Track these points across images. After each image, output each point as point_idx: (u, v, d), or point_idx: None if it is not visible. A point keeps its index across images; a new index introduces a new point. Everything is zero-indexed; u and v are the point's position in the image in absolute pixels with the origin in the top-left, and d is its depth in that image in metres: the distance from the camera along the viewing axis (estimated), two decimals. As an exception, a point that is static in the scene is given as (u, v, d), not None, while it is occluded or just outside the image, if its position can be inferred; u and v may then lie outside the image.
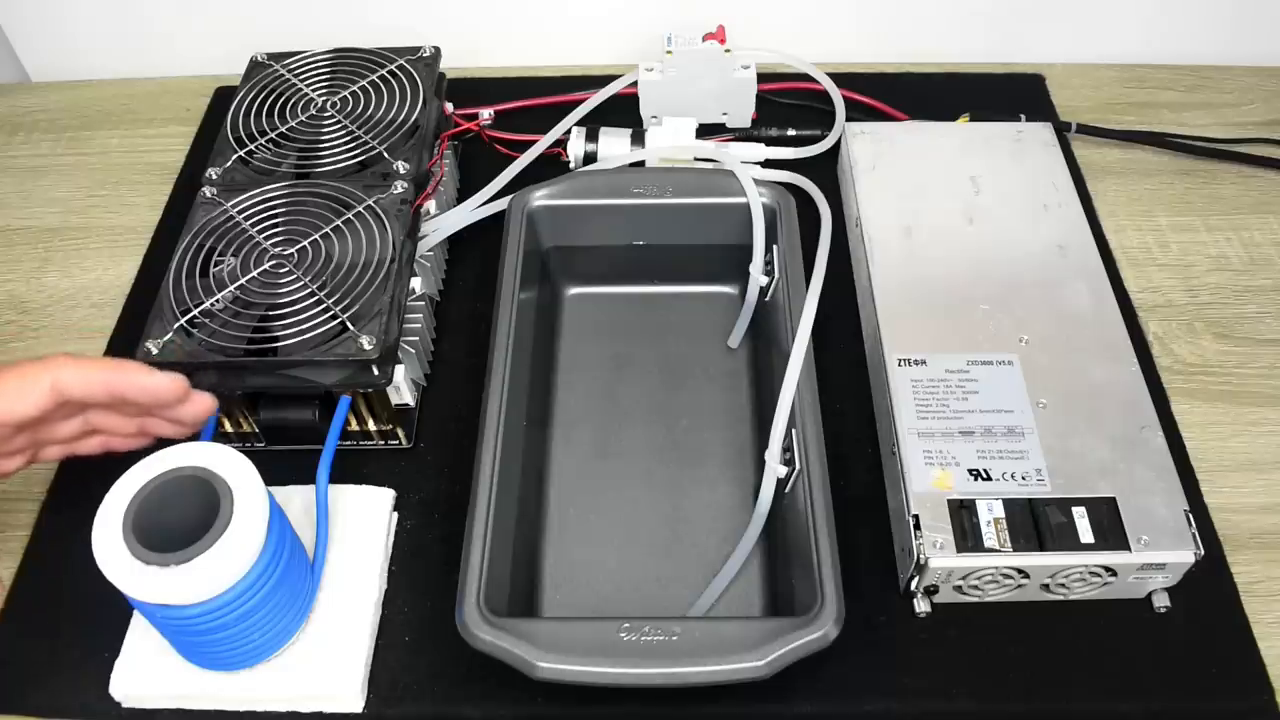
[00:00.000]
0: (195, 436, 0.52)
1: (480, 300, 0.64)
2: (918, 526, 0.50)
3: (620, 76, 0.73)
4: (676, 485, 0.57)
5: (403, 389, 0.57)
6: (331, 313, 0.52)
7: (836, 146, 0.72)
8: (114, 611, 0.49)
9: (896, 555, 0.53)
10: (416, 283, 0.60)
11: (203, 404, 0.51)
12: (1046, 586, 0.51)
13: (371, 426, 0.57)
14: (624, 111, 0.73)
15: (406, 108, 0.63)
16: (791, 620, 0.45)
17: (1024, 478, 0.51)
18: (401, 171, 0.59)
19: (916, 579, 0.50)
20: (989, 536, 0.49)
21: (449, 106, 0.70)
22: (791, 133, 0.74)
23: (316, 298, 0.53)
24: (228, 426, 0.57)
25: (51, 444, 0.51)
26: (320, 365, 0.52)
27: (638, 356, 0.63)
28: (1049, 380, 0.55)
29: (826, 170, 0.71)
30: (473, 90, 0.74)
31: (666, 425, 0.60)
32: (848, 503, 0.52)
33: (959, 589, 0.51)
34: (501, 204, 0.64)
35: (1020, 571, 0.50)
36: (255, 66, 0.66)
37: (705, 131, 0.73)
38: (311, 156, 0.61)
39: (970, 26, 0.80)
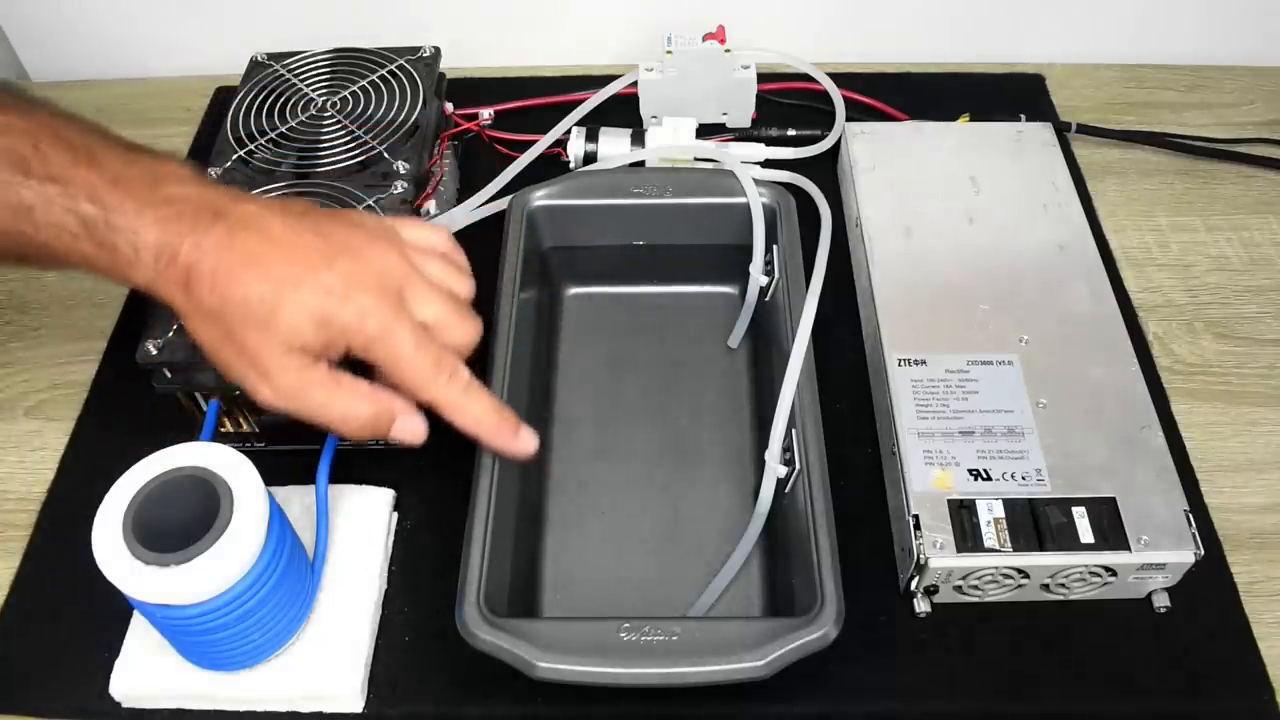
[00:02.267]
0: (196, 436, 0.52)
1: (480, 300, 0.64)
2: (918, 526, 0.50)
3: (620, 76, 0.73)
4: (676, 485, 0.57)
5: (403, 389, 0.57)
6: (331, 313, 0.52)
7: (836, 146, 0.71)
8: (114, 611, 0.49)
9: (896, 555, 0.53)
10: (416, 283, 0.60)
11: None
12: (1046, 586, 0.51)
13: (371, 426, 0.57)
14: (624, 111, 0.73)
15: (406, 108, 0.63)
16: (791, 620, 0.45)
17: (1024, 478, 0.51)
18: (401, 171, 0.59)
19: (916, 579, 0.50)
20: (989, 536, 0.49)
21: (449, 106, 0.70)
22: (791, 133, 0.74)
23: (316, 298, 0.53)
24: (228, 426, 0.57)
25: None
26: (320, 365, 0.52)
27: (638, 356, 0.63)
28: (1049, 380, 0.55)
29: (826, 170, 0.71)
30: (473, 90, 0.74)
31: (666, 425, 0.60)
32: (848, 503, 0.52)
33: (959, 589, 0.51)
34: (501, 204, 0.64)
35: (1020, 571, 0.50)
36: (255, 66, 0.66)
37: (705, 131, 0.72)
38: (311, 156, 0.61)
39: (970, 26, 0.80)
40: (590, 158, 0.70)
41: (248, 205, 0.45)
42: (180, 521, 0.44)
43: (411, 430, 0.48)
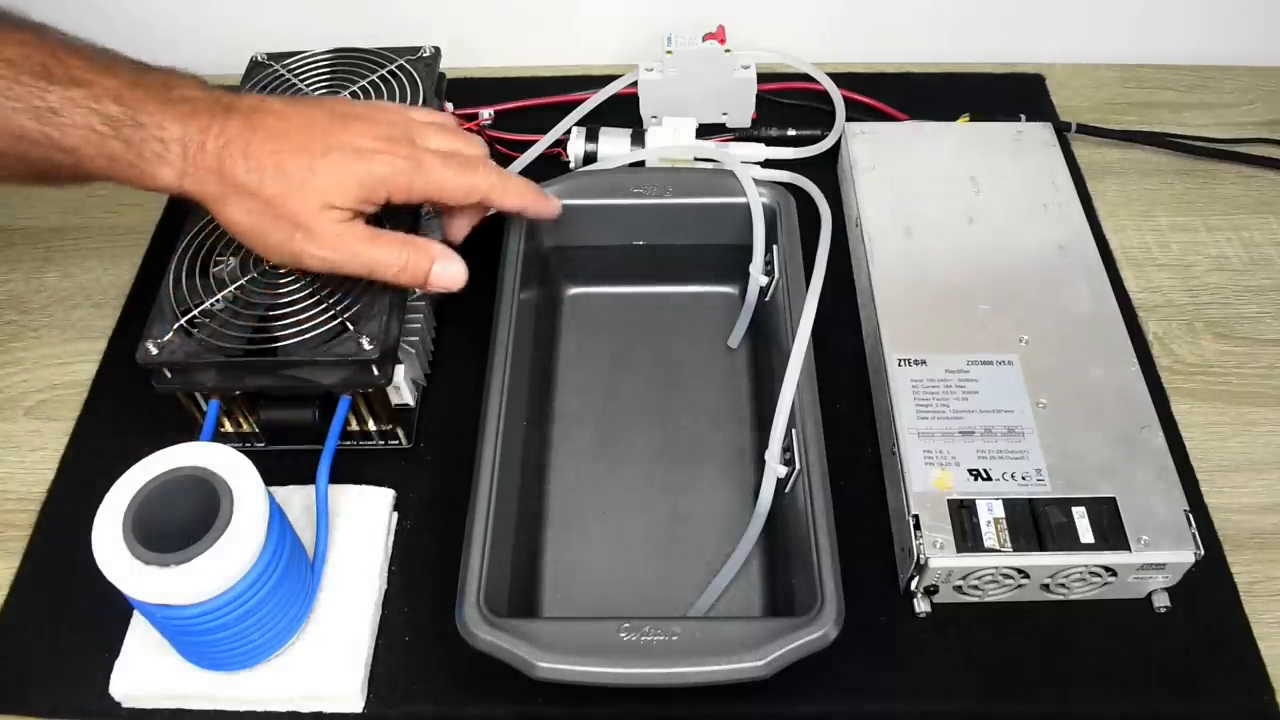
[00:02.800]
0: (196, 436, 0.52)
1: (480, 300, 0.64)
2: (918, 526, 0.50)
3: (620, 76, 0.73)
4: (676, 485, 0.57)
5: (403, 389, 0.57)
6: (331, 313, 0.52)
7: (836, 146, 0.72)
8: (114, 611, 0.49)
9: (896, 555, 0.53)
10: (416, 283, 0.60)
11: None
12: (1046, 586, 0.51)
13: (371, 426, 0.57)
14: (624, 111, 0.73)
15: (406, 108, 0.63)
16: (791, 620, 0.45)
17: (1024, 478, 0.51)
18: (401, 171, 0.59)
19: (916, 579, 0.50)
20: (989, 536, 0.49)
21: (449, 106, 0.70)
22: (791, 133, 0.74)
23: (316, 297, 0.53)
24: (228, 426, 0.57)
25: None
26: (320, 365, 0.52)
27: (638, 356, 0.63)
28: (1049, 380, 0.55)
29: (826, 170, 0.71)
30: (473, 90, 0.74)
31: (666, 425, 0.60)
32: (848, 503, 0.52)
33: (959, 589, 0.51)
34: (501, 204, 0.64)
35: (1020, 571, 0.50)
36: (255, 66, 0.66)
37: (705, 131, 0.73)
38: (311, 156, 0.61)
39: (970, 26, 0.80)
40: (590, 158, 0.70)
41: (252, 98, 0.51)
42: (180, 521, 0.44)
43: (450, 275, 0.53)
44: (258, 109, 0.49)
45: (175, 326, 0.52)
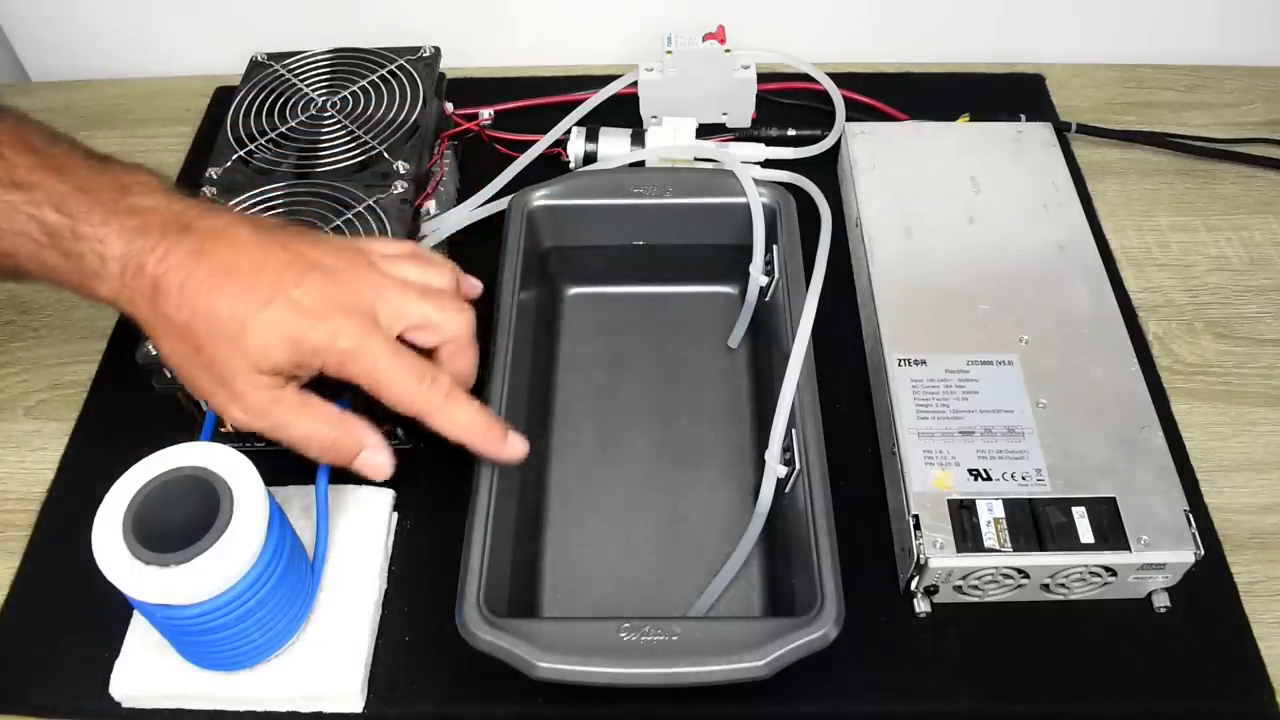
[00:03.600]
0: (196, 436, 0.52)
1: (480, 300, 0.64)
2: (918, 526, 0.50)
3: (620, 76, 0.73)
4: (676, 485, 0.57)
5: (403, 389, 0.57)
6: (331, 313, 0.52)
7: (836, 146, 0.72)
8: (114, 611, 0.49)
9: (896, 555, 0.53)
10: (416, 283, 0.59)
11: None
12: (1046, 586, 0.51)
13: (371, 426, 0.57)
14: (624, 111, 0.73)
15: (406, 108, 0.63)
16: (791, 620, 0.45)
17: (1024, 478, 0.51)
18: (401, 171, 0.59)
19: (916, 579, 0.50)
20: (989, 536, 0.49)
21: (449, 106, 0.70)
22: (791, 133, 0.74)
23: (316, 298, 0.53)
24: (228, 426, 0.57)
25: None
26: (320, 365, 0.52)
27: (638, 356, 0.63)
28: (1049, 380, 0.55)
29: (826, 170, 0.71)
30: (473, 90, 0.74)
31: (666, 425, 0.59)
32: (848, 503, 0.52)
33: (959, 589, 0.51)
34: (501, 204, 0.64)
35: (1020, 571, 0.50)
36: (255, 66, 0.66)
37: (705, 131, 0.72)
38: (311, 156, 0.61)
39: (970, 26, 0.80)
40: (590, 158, 0.70)
41: (216, 218, 0.44)
42: (180, 521, 0.44)
43: (375, 465, 0.47)
44: (217, 234, 0.43)
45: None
